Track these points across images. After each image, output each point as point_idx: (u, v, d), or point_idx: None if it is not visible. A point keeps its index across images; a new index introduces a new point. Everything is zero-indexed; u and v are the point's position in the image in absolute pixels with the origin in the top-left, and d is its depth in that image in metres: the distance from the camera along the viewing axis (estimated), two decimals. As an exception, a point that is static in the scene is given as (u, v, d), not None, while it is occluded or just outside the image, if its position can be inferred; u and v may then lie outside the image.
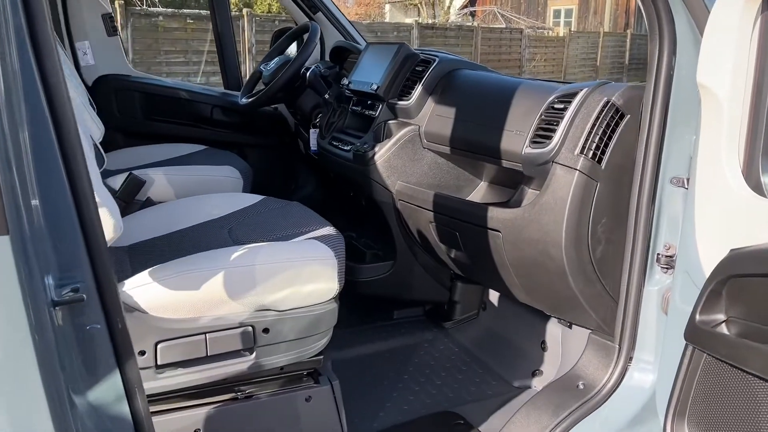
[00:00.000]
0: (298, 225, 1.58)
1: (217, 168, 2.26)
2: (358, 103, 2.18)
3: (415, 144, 1.90)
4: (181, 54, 10.31)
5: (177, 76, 10.14)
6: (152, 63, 10.05)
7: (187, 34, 10.35)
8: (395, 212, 1.98)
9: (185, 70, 10.22)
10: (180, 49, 10.30)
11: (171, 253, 1.54)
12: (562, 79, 15.37)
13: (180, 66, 10.25)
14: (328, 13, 2.88)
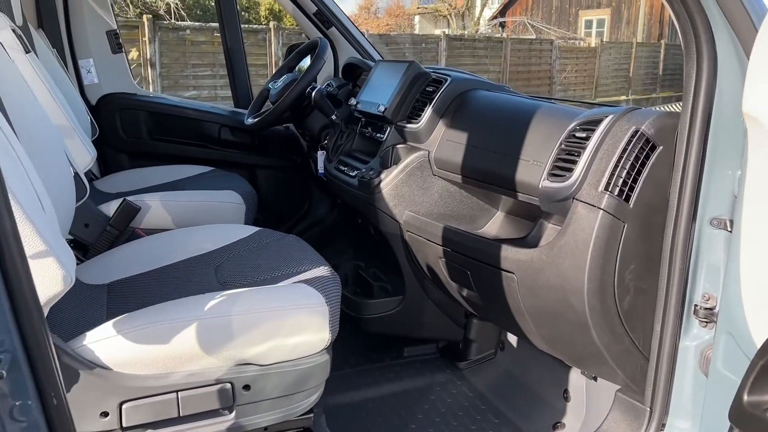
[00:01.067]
0: (290, 263, 1.43)
1: (217, 193, 2.13)
2: (366, 125, 2.03)
3: (424, 171, 1.75)
4: (208, 67, 10.33)
5: (204, 89, 10.18)
6: (179, 76, 10.10)
7: (214, 47, 10.35)
8: (403, 244, 1.82)
9: (212, 83, 10.25)
10: (207, 63, 10.32)
11: (151, 294, 1.40)
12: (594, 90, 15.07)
13: (207, 79, 10.29)
14: (341, 28, 2.75)
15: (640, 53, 16.37)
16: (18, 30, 1.78)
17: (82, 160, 1.87)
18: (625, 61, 16.06)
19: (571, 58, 15.00)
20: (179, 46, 10.02)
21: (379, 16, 24.60)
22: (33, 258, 0.93)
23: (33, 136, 1.38)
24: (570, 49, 15.53)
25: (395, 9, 24.32)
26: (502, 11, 21.19)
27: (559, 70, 14.63)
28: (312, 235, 2.80)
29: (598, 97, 15.24)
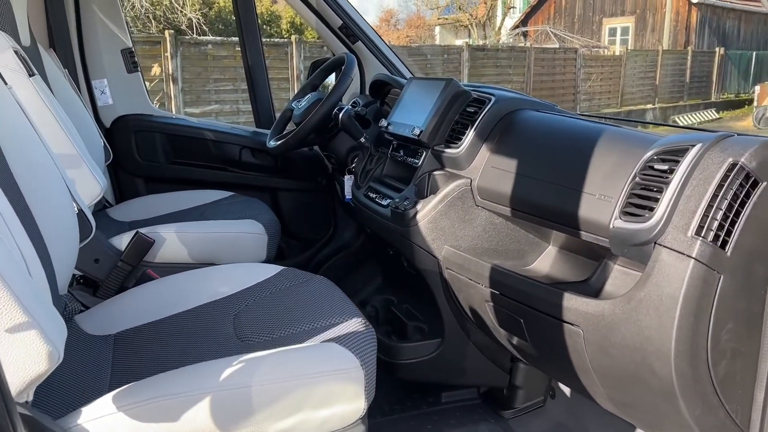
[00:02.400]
0: (319, 314, 1.25)
1: (237, 223, 1.96)
2: (399, 148, 1.85)
3: (466, 201, 1.56)
4: (230, 82, 10.27)
5: (225, 104, 10.12)
6: (201, 91, 10.06)
7: (236, 61, 10.29)
8: (442, 283, 1.63)
9: (234, 98, 10.21)
10: (229, 77, 10.26)
11: (162, 348, 1.24)
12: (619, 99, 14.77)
13: (228, 93, 10.24)
14: (368, 42, 2.59)
15: (666, 60, 16.02)
16: (21, 51, 1.64)
17: (89, 192, 1.72)
18: (651, 69, 15.72)
19: (596, 67, 14.71)
20: (201, 60, 9.97)
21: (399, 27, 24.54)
22: (11, 332, 0.76)
23: (28, 172, 1.22)
24: (594, 57, 15.25)
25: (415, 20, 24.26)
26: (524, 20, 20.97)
27: (583, 79, 14.35)
28: (337, 262, 2.63)
29: (624, 106, 14.93)
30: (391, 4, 35.02)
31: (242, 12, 2.60)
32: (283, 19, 16.22)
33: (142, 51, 9.45)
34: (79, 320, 1.36)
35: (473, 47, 13.45)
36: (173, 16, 12.86)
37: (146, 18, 12.42)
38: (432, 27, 24.21)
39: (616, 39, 19.54)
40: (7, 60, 1.59)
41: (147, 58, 9.50)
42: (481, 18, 21.34)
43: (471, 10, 21.49)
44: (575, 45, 16.37)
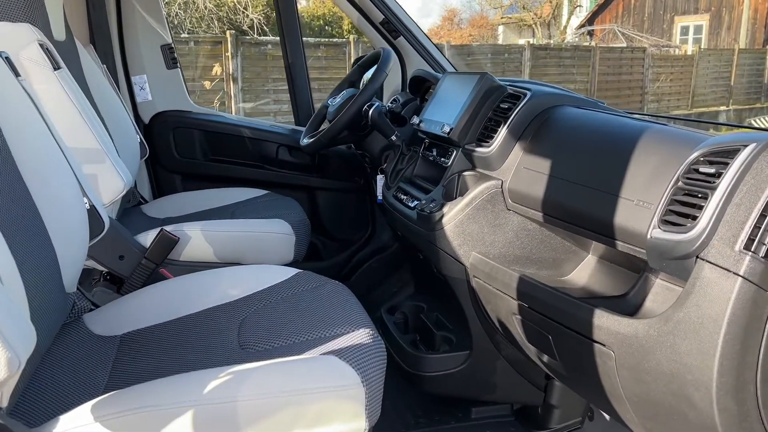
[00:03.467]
0: (325, 323, 1.17)
1: (265, 222, 1.91)
2: (430, 147, 1.75)
3: (496, 204, 1.44)
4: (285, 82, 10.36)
5: (284, 104, 10.21)
6: (261, 90, 10.19)
7: (295, 61, 10.36)
8: (470, 292, 1.52)
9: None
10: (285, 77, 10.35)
11: (164, 352, 1.18)
12: (690, 101, 14.11)
13: (286, 93, 10.31)
14: (410, 38, 2.50)
15: (742, 60, 15.19)
16: (49, 45, 1.63)
17: (112, 188, 1.69)
18: (726, 69, 14.94)
19: (665, 67, 14.09)
20: (260, 60, 10.11)
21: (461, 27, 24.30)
22: (-34, 337, 0.71)
23: (34, 166, 1.19)
24: (664, 57, 14.62)
25: (478, 20, 23.97)
26: (590, 19, 20.34)
27: (651, 79, 13.78)
28: (373, 264, 2.55)
29: (695, 108, 14.25)
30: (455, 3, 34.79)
31: (283, 11, 2.56)
32: (345, 19, 16.30)
33: (204, 51, 9.65)
34: (87, 319, 1.32)
35: (535, 46, 13.14)
36: (236, 17, 13.10)
37: (210, 19, 12.69)
38: (495, 26, 23.86)
39: (688, 38, 18.69)
40: (32, 53, 1.58)
41: (209, 58, 9.71)
42: (546, 17, 20.87)
43: (535, 9, 21.04)
44: (644, 44, 15.75)
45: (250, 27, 12.83)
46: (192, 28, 12.53)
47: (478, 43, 17.31)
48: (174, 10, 12.08)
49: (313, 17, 15.85)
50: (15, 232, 1.07)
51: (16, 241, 1.06)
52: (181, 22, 12.48)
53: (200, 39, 10.40)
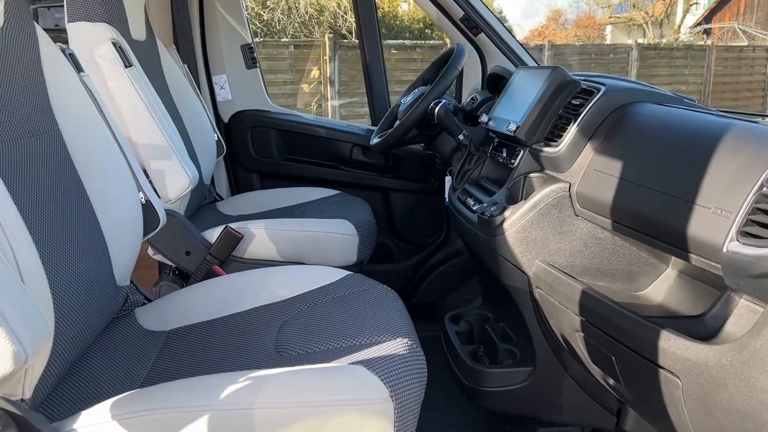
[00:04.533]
0: (364, 329, 1.10)
1: (328, 222, 1.87)
2: (499, 147, 1.65)
3: (563, 209, 1.32)
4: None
5: (379, 106, 10.27)
6: (357, 93, 10.30)
7: (391, 64, 10.42)
8: (533, 303, 1.41)
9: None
10: (383, 80, 10.40)
11: (204, 351, 1.17)
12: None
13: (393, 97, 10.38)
14: (492, 34, 2.39)
15: None
16: (123, 43, 1.67)
17: (178, 184, 1.72)
18: None
19: (792, 66, 12.93)
20: (357, 63, 10.20)
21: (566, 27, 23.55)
22: (-28, 327, 0.71)
23: (89, 161, 1.21)
24: (791, 56, 13.42)
25: (585, 20, 23.12)
26: (707, 17, 19.07)
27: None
28: (447, 269, 2.46)
29: (826, 111, 12.98)
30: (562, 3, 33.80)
31: (361, 10, 2.52)
32: (444, 22, 16.17)
33: (303, 55, 9.90)
34: (139, 313, 1.33)
35: (643, 46, 12.47)
36: (336, 21, 13.35)
37: (311, 24, 13.01)
38: (602, 26, 22.93)
39: (820, 35, 17.06)
40: (105, 51, 1.63)
41: (307, 62, 9.94)
42: (658, 16, 19.79)
43: (647, 7, 20.01)
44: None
45: (350, 31, 13.02)
46: (294, 33, 12.90)
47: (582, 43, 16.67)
48: (277, 15, 12.49)
49: (413, 20, 15.88)
50: (66, 225, 1.09)
51: (66, 233, 1.08)
52: (284, 27, 12.88)
53: (300, 43, 10.67)
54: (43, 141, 1.10)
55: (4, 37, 1.04)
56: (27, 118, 1.06)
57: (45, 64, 1.15)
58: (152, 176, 1.72)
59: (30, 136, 1.06)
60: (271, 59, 9.65)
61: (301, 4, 12.66)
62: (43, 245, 0.98)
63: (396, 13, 16.35)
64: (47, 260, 0.98)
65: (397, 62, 10.39)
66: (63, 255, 1.05)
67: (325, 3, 13.33)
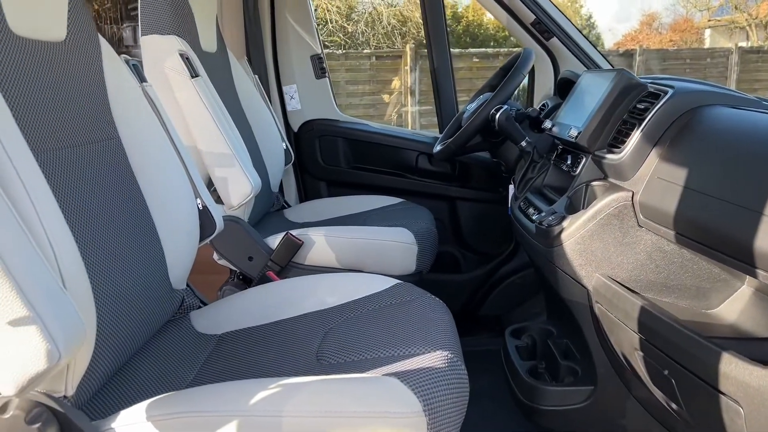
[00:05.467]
0: (404, 340, 1.07)
1: (387, 230, 1.86)
2: (563, 154, 1.58)
3: (625, 219, 1.24)
4: (464, 93, 10.33)
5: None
6: (436, 103, 10.27)
7: (472, 73, 10.35)
8: (593, 319, 1.33)
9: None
10: (463, 88, 10.33)
11: (250, 356, 1.18)
12: None
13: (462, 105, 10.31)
14: (565, 38, 2.32)
15: None
16: (189, 55, 1.73)
17: (240, 191, 1.76)
18: None
19: None
20: (438, 73, 10.18)
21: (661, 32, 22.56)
22: (12, 325, 0.74)
23: (147, 167, 1.25)
24: None
25: (682, 23, 22.06)
26: (819, 16, 17.71)
27: None
28: (514, 282, 2.39)
29: None
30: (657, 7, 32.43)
31: (430, 16, 2.51)
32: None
33: (384, 65, 9.99)
34: (194, 316, 1.36)
35: (744, 49, 11.74)
36: (419, 31, 13.41)
37: (393, 35, 13.13)
38: (701, 30, 21.80)
39: None
40: (173, 62, 1.69)
41: (388, 72, 10.02)
42: (764, 17, 18.60)
43: (750, 9, 18.85)
44: None
45: (432, 40, 13.03)
46: (377, 44, 13.06)
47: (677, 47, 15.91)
48: (360, 27, 12.69)
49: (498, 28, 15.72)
50: (123, 229, 1.13)
51: (122, 237, 1.12)
52: (367, 39, 13.08)
53: (382, 54, 10.79)
54: (104, 148, 1.15)
55: (67, 49, 1.09)
56: (88, 126, 1.11)
57: (107, 73, 1.21)
58: (216, 183, 1.77)
59: (91, 142, 1.11)
60: (353, 70, 9.81)
61: (384, 15, 12.80)
62: (93, 248, 1.02)
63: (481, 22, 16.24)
64: (98, 263, 1.02)
65: (479, 70, 10.29)
66: (117, 258, 1.09)
67: (408, 14, 13.43)
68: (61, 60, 1.07)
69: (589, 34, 16.13)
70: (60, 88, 1.05)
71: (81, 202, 1.02)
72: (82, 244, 0.97)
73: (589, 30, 18.87)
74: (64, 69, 1.07)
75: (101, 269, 1.02)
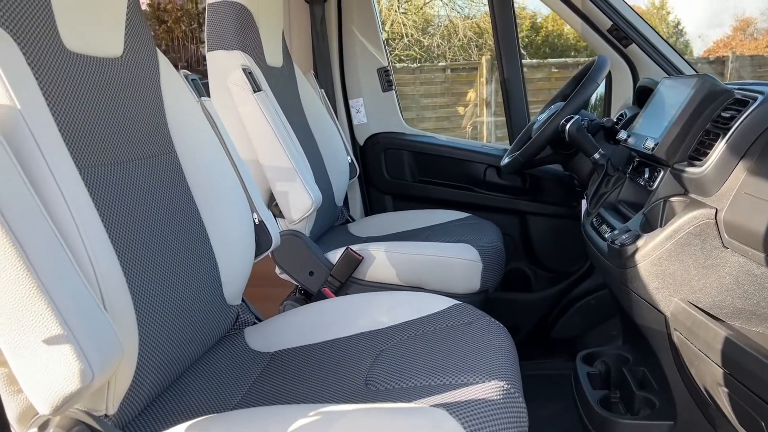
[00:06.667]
0: (458, 367, 1.00)
1: (449, 246, 1.79)
2: (640, 167, 1.46)
3: (707, 239, 1.12)
4: (543, 103, 10.09)
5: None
6: (513, 114, 10.07)
7: (550, 83, 10.09)
8: (671, 348, 1.21)
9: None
10: (542, 99, 10.09)
11: (298, 377, 1.14)
12: None
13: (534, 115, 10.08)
14: (644, 44, 2.19)
15: None
16: (252, 69, 1.74)
17: (300, 205, 1.74)
18: None
19: None
20: (514, 84, 10.00)
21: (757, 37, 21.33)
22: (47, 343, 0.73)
23: (204, 182, 1.25)
24: None
25: (781, 28, 20.77)
26: None
27: None
28: (590, 303, 2.26)
29: None
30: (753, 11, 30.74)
31: (500, 26, 2.43)
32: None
33: (459, 78, 9.91)
34: (248, 333, 1.34)
35: None
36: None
37: (469, 47, 13.02)
38: (804, 34, 20.45)
39: None
40: (236, 77, 1.70)
41: (463, 84, 9.93)
42: None
43: None
44: None
45: (509, 51, 12.84)
46: (453, 57, 12.99)
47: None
48: (436, 40, 12.66)
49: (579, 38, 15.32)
50: (176, 244, 1.12)
51: (175, 252, 1.11)
52: (443, 52, 13.03)
53: (458, 66, 10.71)
54: (159, 162, 1.15)
55: (124, 64, 1.10)
56: (144, 140, 1.11)
57: (164, 88, 1.21)
58: (277, 197, 1.76)
59: (146, 157, 1.11)
60: (428, 83, 9.78)
61: (460, 28, 12.73)
62: (141, 265, 1.00)
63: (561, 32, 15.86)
64: (144, 281, 1.00)
65: (557, 81, 10.02)
66: (167, 275, 1.08)
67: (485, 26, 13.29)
68: (116, 75, 1.07)
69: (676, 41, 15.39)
70: (114, 103, 1.05)
71: (130, 219, 1.01)
72: (128, 262, 0.96)
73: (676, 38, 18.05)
74: (120, 84, 1.08)
75: (148, 287, 1.00)
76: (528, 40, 14.19)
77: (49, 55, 0.91)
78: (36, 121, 0.80)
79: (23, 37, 0.86)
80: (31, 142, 0.79)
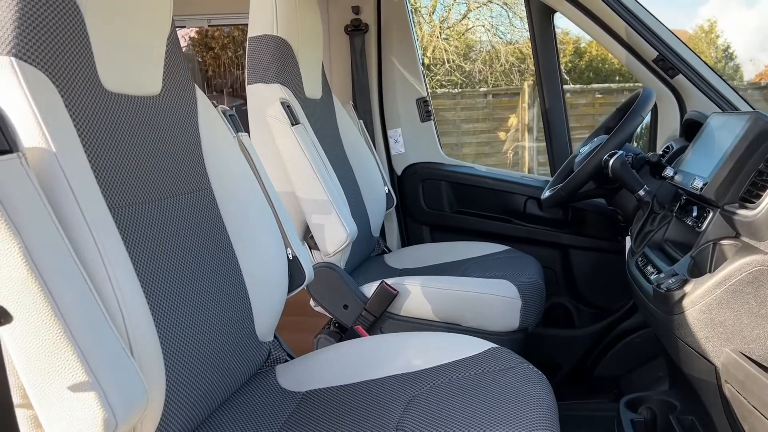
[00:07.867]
0: (492, 419, 0.96)
1: (487, 282, 1.75)
2: (687, 206, 1.40)
3: (761, 286, 1.06)
4: (587, 129, 9.94)
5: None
6: (556, 140, 9.94)
7: (594, 109, 9.95)
8: (722, 401, 1.14)
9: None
10: (586, 125, 9.94)
11: (326, 421, 1.11)
12: None
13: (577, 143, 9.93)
14: (692, 74, 2.12)
15: None
16: (290, 102, 1.75)
17: (336, 239, 1.73)
18: None
19: None
20: (557, 110, 9.89)
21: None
22: (71, 389, 0.72)
23: (237, 216, 1.24)
24: None
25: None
26: None
27: None
28: (634, 341, 2.17)
29: None
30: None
31: (541, 53, 2.40)
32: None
33: (501, 103, 9.86)
34: (279, 371, 1.32)
35: None
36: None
37: (511, 72, 12.97)
38: None
39: None
40: (274, 110, 1.71)
41: (505, 110, 9.87)
42: None
43: None
44: None
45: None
46: (495, 82, 12.96)
47: (830, 78, 14.46)
48: (478, 66, 12.66)
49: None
50: (209, 281, 1.11)
51: (209, 289, 1.10)
52: (485, 78, 13.01)
53: (500, 91, 10.66)
54: (194, 198, 1.15)
55: (161, 102, 1.11)
56: (180, 177, 1.12)
57: (201, 125, 1.22)
58: (313, 230, 1.75)
59: (181, 194, 1.11)
60: (469, 109, 9.76)
61: (502, 53, 12.71)
62: (170, 305, 1.00)
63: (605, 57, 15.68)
64: (174, 322, 0.99)
65: (601, 106, 9.87)
66: (198, 314, 1.07)
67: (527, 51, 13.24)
68: (154, 113, 1.08)
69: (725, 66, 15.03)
70: (151, 140, 1.06)
71: (161, 258, 1.01)
72: (157, 303, 0.95)
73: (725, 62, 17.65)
74: (157, 122, 1.09)
75: (177, 328, 0.99)
76: (571, 65, 14.06)
77: (87, 96, 0.92)
78: (70, 163, 0.80)
79: (62, 78, 0.87)
80: (65, 184, 0.79)
